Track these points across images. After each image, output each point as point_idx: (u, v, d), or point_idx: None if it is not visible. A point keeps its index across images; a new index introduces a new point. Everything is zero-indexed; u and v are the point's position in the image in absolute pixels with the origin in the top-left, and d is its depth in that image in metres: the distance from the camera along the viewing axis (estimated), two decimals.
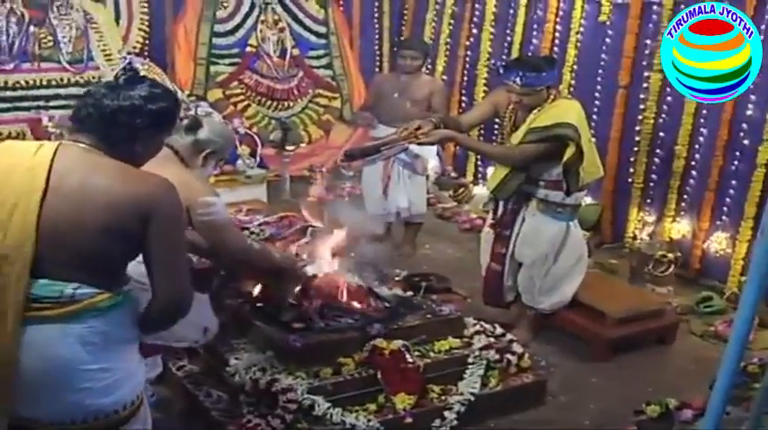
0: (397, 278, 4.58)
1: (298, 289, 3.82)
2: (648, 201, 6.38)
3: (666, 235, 6.11)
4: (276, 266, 3.60)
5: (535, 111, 4.47)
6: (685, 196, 6.10)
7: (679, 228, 6.06)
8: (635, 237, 6.38)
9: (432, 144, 4.83)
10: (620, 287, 5.44)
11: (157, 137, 2.47)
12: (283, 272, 3.67)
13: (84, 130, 2.33)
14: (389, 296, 4.12)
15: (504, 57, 7.64)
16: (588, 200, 6.78)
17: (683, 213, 6.10)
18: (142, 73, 2.56)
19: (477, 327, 4.19)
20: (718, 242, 5.79)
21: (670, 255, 5.69)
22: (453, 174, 8.14)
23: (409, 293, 4.30)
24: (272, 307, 3.84)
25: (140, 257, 2.33)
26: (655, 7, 6.27)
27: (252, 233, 4.78)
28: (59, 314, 2.21)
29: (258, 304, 3.91)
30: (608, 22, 6.64)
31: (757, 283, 1.97)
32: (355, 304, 3.96)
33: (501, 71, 4.57)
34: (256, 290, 3.99)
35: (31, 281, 2.19)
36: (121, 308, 2.32)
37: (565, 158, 4.40)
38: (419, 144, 4.72)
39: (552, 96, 4.50)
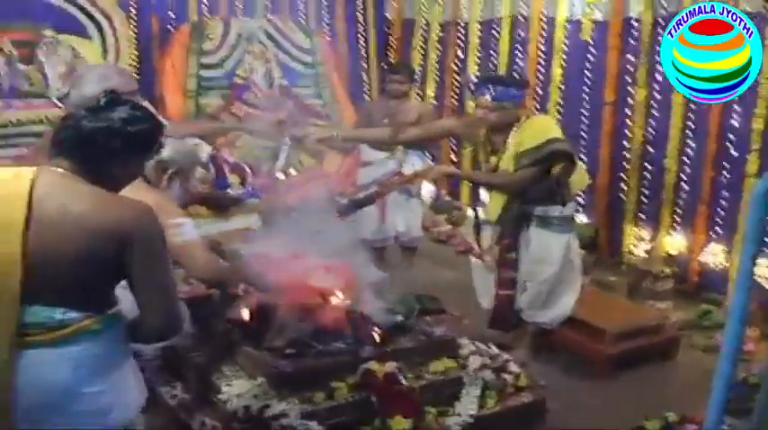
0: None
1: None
2: (643, 216, 6.37)
3: (663, 250, 6.08)
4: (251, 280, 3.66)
5: (512, 133, 4.45)
6: (678, 210, 6.08)
7: (675, 242, 6.04)
8: (632, 253, 6.35)
9: (431, 181, 4.86)
10: (618, 303, 5.41)
11: (136, 160, 2.46)
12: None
13: (63, 155, 2.30)
14: (381, 318, 4.05)
15: None
16: (583, 218, 6.77)
17: (677, 227, 6.08)
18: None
19: (472, 348, 4.14)
20: (714, 254, 5.76)
21: (667, 270, 5.66)
22: (447, 198, 8.14)
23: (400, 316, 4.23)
24: (261, 332, 3.78)
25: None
26: (634, 23, 6.30)
27: None
28: (50, 339, 2.21)
29: (247, 330, 3.86)
30: (590, 40, 6.66)
31: (744, 293, 1.94)
32: (346, 327, 3.89)
33: (472, 87, 4.59)
34: (245, 315, 3.95)
35: (22, 308, 2.17)
36: (111, 330, 2.31)
37: (555, 171, 4.39)
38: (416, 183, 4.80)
39: (525, 116, 4.51)
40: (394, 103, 6.15)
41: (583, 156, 6.74)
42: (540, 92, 7.24)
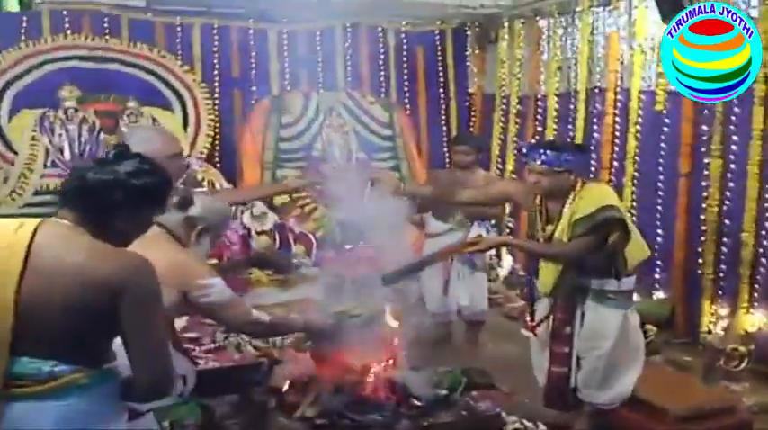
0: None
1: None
2: (720, 292, 6.06)
3: (741, 327, 5.76)
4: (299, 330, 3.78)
5: (569, 201, 4.31)
6: (757, 285, 5.77)
7: (753, 319, 5.70)
8: (710, 332, 6.04)
9: (482, 252, 4.79)
10: (685, 382, 5.10)
11: (141, 214, 2.41)
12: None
13: (68, 206, 2.31)
14: (423, 391, 3.94)
15: None
16: (660, 294, 6.51)
17: (756, 304, 5.76)
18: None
19: (518, 425, 3.98)
20: None
21: (742, 349, 5.34)
22: (521, 273, 7.96)
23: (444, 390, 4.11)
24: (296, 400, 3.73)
25: None
26: None
27: None
28: (38, 391, 2.17)
29: (282, 398, 3.81)
30: (664, 111, 6.49)
31: None
32: (383, 398, 3.80)
33: (525, 151, 4.47)
34: (285, 385, 3.91)
35: (11, 358, 2.16)
36: (102, 386, 2.27)
37: (609, 242, 4.22)
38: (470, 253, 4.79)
39: (580, 182, 4.36)
40: (460, 173, 6.10)
41: (659, 230, 6.52)
42: (616, 163, 7.09)
